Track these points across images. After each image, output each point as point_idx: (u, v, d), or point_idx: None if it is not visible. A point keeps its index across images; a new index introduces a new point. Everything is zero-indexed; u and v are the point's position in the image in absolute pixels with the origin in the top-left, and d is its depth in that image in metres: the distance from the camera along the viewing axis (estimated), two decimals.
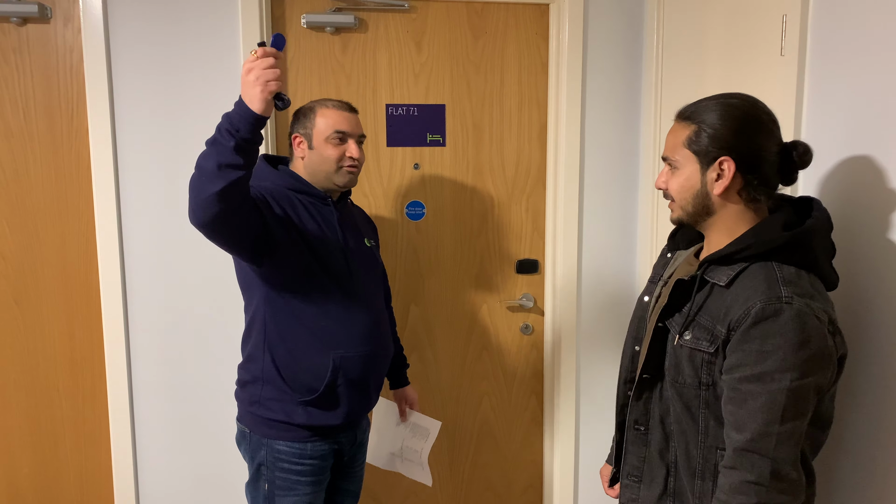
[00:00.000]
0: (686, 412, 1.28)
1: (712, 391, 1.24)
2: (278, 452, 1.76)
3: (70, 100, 2.18)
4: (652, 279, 1.49)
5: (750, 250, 1.21)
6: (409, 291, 2.43)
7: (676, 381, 1.28)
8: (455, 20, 2.34)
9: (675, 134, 1.30)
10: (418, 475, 2.04)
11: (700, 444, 1.27)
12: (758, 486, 1.14)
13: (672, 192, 1.31)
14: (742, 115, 1.24)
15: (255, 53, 1.43)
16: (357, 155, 1.80)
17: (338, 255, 1.77)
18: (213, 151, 1.46)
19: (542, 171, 2.45)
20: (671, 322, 1.30)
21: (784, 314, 1.14)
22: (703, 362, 1.24)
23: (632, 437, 1.40)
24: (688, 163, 1.27)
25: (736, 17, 1.86)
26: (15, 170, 2.19)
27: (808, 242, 1.22)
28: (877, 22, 1.39)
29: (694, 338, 1.24)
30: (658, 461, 1.36)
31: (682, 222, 1.34)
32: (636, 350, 1.45)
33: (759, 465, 1.14)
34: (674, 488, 1.34)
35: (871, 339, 1.40)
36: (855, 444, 1.45)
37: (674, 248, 1.48)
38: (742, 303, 1.18)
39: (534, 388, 2.55)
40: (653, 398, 1.35)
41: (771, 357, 1.14)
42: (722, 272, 1.24)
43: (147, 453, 2.30)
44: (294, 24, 2.25)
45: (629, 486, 1.41)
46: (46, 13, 2.13)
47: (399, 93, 2.34)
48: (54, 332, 2.27)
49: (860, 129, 1.43)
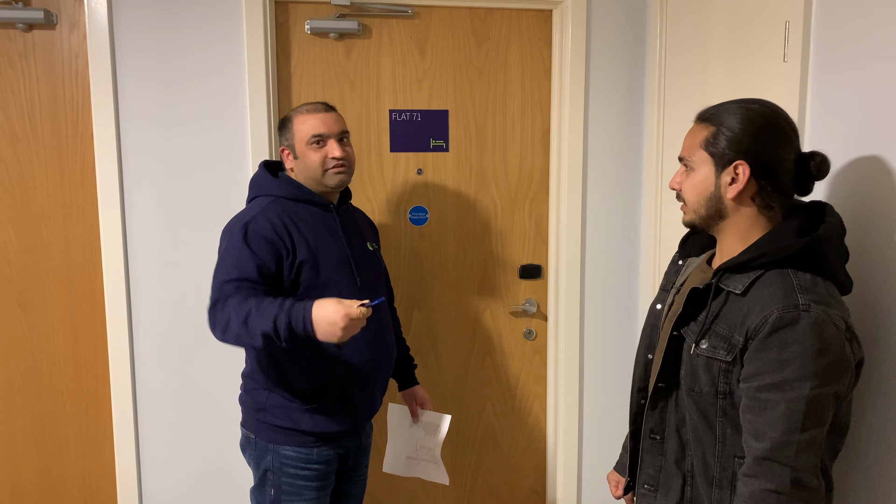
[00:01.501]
0: (703, 421, 1.27)
1: (729, 400, 1.23)
2: (285, 458, 1.76)
3: (75, 105, 2.19)
4: (664, 287, 1.48)
5: (765, 258, 1.21)
6: (413, 296, 2.44)
7: (693, 390, 1.27)
8: (458, 26, 2.34)
9: (693, 135, 1.29)
10: (435, 475, 2.00)
11: (717, 453, 1.26)
12: (778, 495, 1.14)
13: (685, 193, 1.30)
14: (762, 120, 1.23)
15: (362, 309, 1.46)
16: (339, 154, 1.76)
17: (344, 266, 1.76)
18: (260, 328, 1.50)
19: (546, 177, 2.45)
20: (686, 331, 1.29)
21: (802, 322, 1.13)
22: (720, 371, 1.23)
23: (647, 447, 1.39)
24: (703, 164, 1.27)
25: (739, 22, 1.86)
26: (20, 174, 2.20)
27: (824, 249, 1.21)
28: (880, 28, 1.39)
29: (711, 347, 1.24)
30: (674, 470, 1.35)
31: (694, 225, 1.33)
32: (649, 358, 1.43)
33: (779, 474, 1.14)
34: (690, 497, 1.33)
35: (880, 343, 1.40)
36: (867, 450, 1.44)
37: (685, 255, 1.47)
38: (759, 311, 1.17)
39: (537, 393, 2.55)
40: (668, 407, 1.34)
41: (790, 365, 1.13)
42: (737, 280, 1.23)
43: (150, 457, 2.30)
44: (298, 31, 2.26)
45: (645, 496, 1.40)
46: (52, 19, 2.15)
47: (402, 98, 2.35)
48: (58, 335, 2.27)
49: (864, 135, 1.43)
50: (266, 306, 1.51)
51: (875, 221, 1.40)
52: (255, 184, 1.84)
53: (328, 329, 1.46)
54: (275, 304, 1.52)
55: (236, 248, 1.66)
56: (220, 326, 1.57)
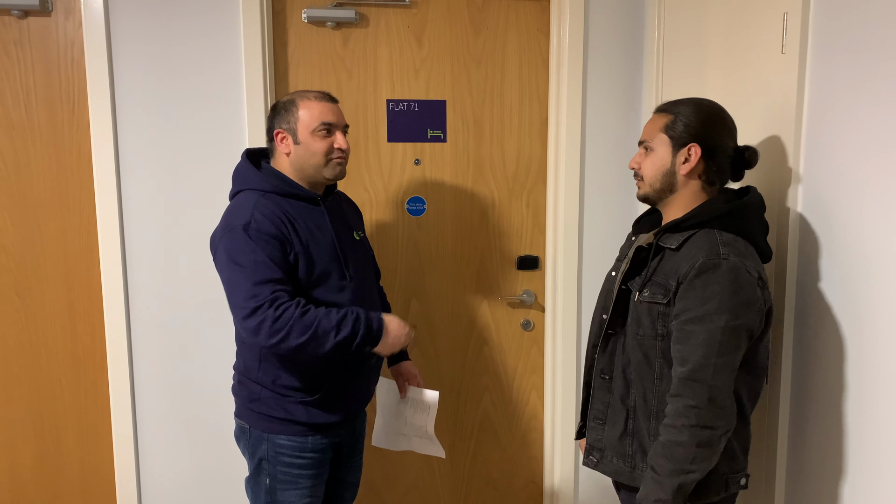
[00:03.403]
0: (644, 361, 1.51)
1: (666, 342, 1.47)
2: (279, 447, 1.77)
3: (71, 93, 2.18)
4: (618, 258, 1.70)
5: (696, 218, 1.47)
6: (410, 287, 2.44)
7: (637, 333, 1.51)
8: (456, 15, 2.33)
9: (654, 122, 1.54)
10: (429, 449, 1.98)
11: (655, 388, 1.50)
12: (697, 410, 1.38)
13: (644, 170, 1.54)
14: (712, 112, 1.51)
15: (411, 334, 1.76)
16: (345, 146, 1.77)
17: (334, 261, 1.75)
18: (335, 339, 1.62)
19: (543, 167, 2.45)
20: (632, 283, 1.54)
21: (722, 267, 1.39)
22: (658, 314, 1.47)
23: (598, 384, 1.63)
24: (662, 146, 1.51)
25: (737, 14, 1.85)
26: (16, 163, 2.19)
27: (744, 214, 1.48)
28: (878, 19, 1.38)
29: (651, 293, 1.48)
30: (620, 405, 1.57)
31: (647, 198, 1.57)
32: (604, 318, 1.63)
33: (699, 392, 1.38)
34: (633, 429, 1.55)
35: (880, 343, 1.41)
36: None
37: (637, 232, 1.70)
38: (688, 260, 1.42)
39: (534, 383, 2.56)
40: (616, 351, 1.57)
41: (710, 301, 1.38)
42: (673, 238, 1.48)
43: (149, 447, 2.31)
44: (295, 19, 2.25)
45: (594, 428, 1.63)
46: (47, 6, 2.13)
47: (400, 88, 2.34)
48: (56, 325, 2.27)
49: (861, 127, 1.43)
50: (335, 316, 1.64)
51: (871, 214, 1.40)
52: (240, 176, 1.79)
53: (393, 342, 1.70)
54: (347, 314, 1.65)
55: (248, 250, 1.62)
56: (275, 335, 1.59)
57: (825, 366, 1.55)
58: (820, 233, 1.56)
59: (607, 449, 1.60)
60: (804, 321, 1.62)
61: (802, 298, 1.62)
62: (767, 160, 1.72)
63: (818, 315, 1.56)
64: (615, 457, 1.58)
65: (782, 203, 1.67)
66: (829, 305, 1.53)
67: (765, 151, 1.73)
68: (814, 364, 1.59)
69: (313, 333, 1.59)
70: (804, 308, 1.62)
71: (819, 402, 1.57)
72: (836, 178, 1.51)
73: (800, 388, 1.64)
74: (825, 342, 1.54)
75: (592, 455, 1.63)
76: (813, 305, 1.58)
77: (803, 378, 1.63)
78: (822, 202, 1.55)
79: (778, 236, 1.68)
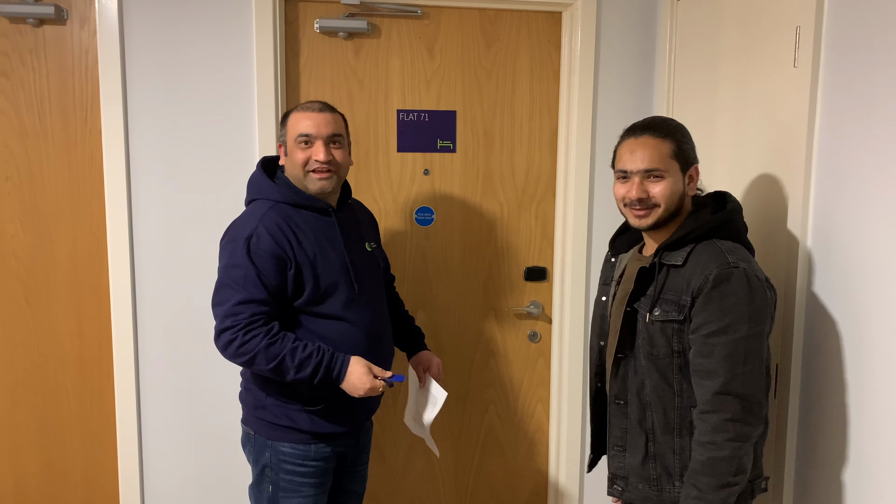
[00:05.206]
0: (662, 380, 1.49)
1: (683, 357, 1.47)
2: (283, 454, 1.77)
3: (84, 101, 2.20)
4: (604, 282, 1.71)
5: (696, 232, 1.49)
6: (417, 297, 2.43)
7: (651, 353, 1.50)
8: (468, 27, 2.34)
9: (656, 148, 1.50)
10: (429, 444, 2.03)
11: (676, 405, 1.49)
12: (734, 423, 1.38)
13: (660, 198, 1.50)
14: (687, 129, 1.56)
15: (384, 388, 1.72)
16: (322, 157, 1.71)
17: (342, 274, 1.76)
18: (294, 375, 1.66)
19: (553, 179, 2.45)
20: (639, 304, 1.52)
21: (735, 276, 1.40)
22: (673, 332, 1.47)
23: (613, 411, 1.60)
24: (675, 171, 1.51)
25: (749, 27, 1.85)
26: (29, 169, 2.21)
27: (735, 220, 1.53)
28: (891, 34, 1.38)
29: (663, 312, 1.47)
30: (638, 429, 1.56)
31: (659, 225, 1.53)
32: (602, 345, 1.65)
33: (733, 404, 1.38)
34: (654, 452, 1.54)
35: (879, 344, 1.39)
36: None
37: (616, 252, 1.72)
38: (700, 273, 1.43)
39: (540, 396, 2.54)
40: (628, 374, 1.56)
41: (730, 313, 1.39)
42: (675, 255, 1.49)
43: (153, 453, 2.30)
44: (307, 29, 2.26)
45: (615, 456, 1.61)
46: (62, 15, 2.15)
47: (411, 98, 2.35)
48: (63, 331, 2.28)
49: (874, 141, 1.43)
50: (300, 354, 1.66)
51: (883, 227, 1.39)
52: (254, 186, 1.83)
53: (350, 388, 1.69)
54: (312, 355, 1.67)
55: (242, 265, 1.67)
56: (240, 356, 1.66)
57: (833, 369, 1.53)
58: (831, 246, 1.56)
59: (631, 476, 1.58)
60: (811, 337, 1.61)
61: (810, 319, 1.62)
62: (778, 173, 1.71)
63: (825, 331, 1.56)
64: (640, 482, 1.56)
65: (793, 216, 1.66)
66: (838, 333, 1.52)
67: (776, 165, 1.72)
68: (823, 367, 1.57)
69: (276, 365, 1.65)
70: (812, 329, 1.61)
71: (828, 405, 1.56)
72: (847, 192, 1.51)
73: (808, 390, 1.63)
74: (833, 345, 1.53)
75: (616, 484, 1.62)
76: (821, 335, 1.57)
77: (812, 381, 1.61)
78: (833, 216, 1.55)
79: (788, 250, 1.67)
